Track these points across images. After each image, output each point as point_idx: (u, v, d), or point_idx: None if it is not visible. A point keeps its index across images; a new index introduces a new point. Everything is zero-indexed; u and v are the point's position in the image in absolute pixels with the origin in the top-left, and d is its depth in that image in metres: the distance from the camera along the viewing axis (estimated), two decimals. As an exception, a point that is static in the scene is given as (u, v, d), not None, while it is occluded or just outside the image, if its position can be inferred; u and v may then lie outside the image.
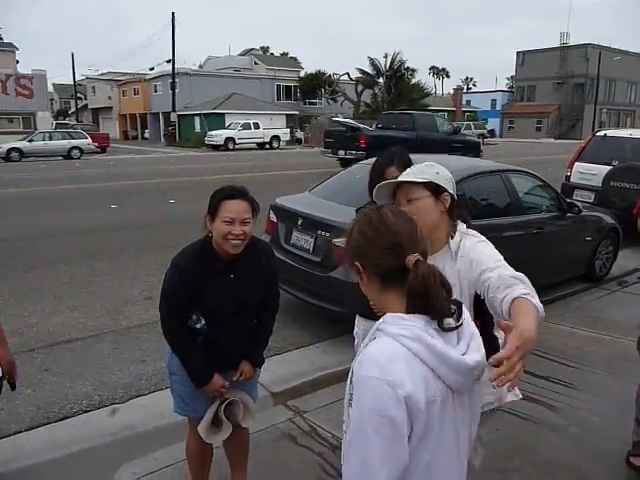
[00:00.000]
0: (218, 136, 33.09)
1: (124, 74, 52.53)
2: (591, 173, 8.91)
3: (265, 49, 76.41)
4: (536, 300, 1.52)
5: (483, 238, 1.96)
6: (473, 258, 1.85)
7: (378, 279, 1.32)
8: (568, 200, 6.10)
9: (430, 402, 1.19)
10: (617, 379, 3.98)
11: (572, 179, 9.29)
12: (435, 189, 1.93)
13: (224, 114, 37.93)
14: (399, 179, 1.99)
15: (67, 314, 5.31)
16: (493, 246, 1.91)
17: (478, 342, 1.33)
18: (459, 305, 1.30)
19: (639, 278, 6.73)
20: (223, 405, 2.39)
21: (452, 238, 1.95)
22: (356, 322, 2.71)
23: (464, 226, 2.00)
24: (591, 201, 8.40)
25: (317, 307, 4.70)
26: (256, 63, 53.16)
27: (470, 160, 6.24)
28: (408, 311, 1.27)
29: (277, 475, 2.93)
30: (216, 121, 36.75)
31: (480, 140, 23.67)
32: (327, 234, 4.45)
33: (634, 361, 3.14)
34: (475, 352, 1.28)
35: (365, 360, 1.22)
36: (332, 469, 2.94)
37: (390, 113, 22.65)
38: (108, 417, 3.55)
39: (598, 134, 9.61)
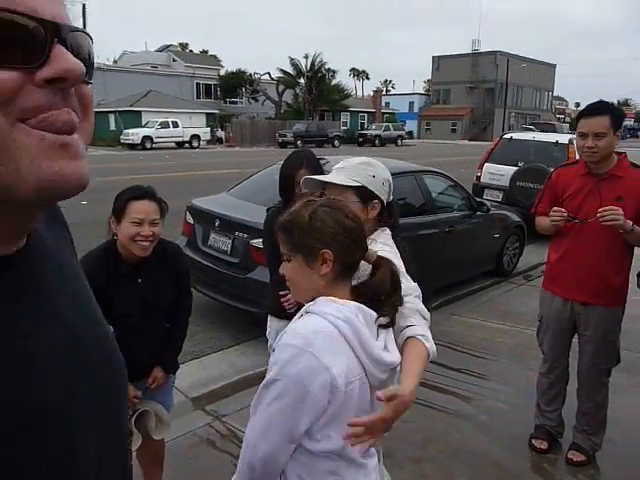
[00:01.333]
0: (135, 135, 31.84)
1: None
2: (499, 173, 9.42)
3: (184, 46, 74.55)
4: (430, 343, 1.54)
5: (391, 249, 1.77)
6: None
7: (337, 269, 1.32)
8: (477, 199, 6.42)
9: (349, 383, 1.21)
10: (521, 367, 4.24)
11: (482, 179, 9.78)
12: (365, 195, 1.79)
13: (141, 112, 36.57)
14: (331, 180, 1.80)
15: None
16: (399, 256, 1.77)
17: (394, 345, 1.38)
18: (394, 305, 1.35)
19: (543, 272, 7.18)
20: (134, 416, 2.30)
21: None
22: (268, 322, 2.72)
23: (382, 232, 1.84)
24: (499, 200, 8.89)
25: (236, 309, 4.66)
26: (174, 60, 51.73)
27: (385, 161, 6.39)
28: (351, 299, 1.32)
29: (195, 482, 2.87)
30: (132, 119, 35.39)
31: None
32: (245, 235, 4.41)
33: (537, 350, 3.36)
34: (393, 352, 1.33)
35: (289, 331, 1.24)
36: (251, 472, 2.92)
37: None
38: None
39: (505, 137, 10.18)
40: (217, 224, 4.71)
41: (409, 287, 1.61)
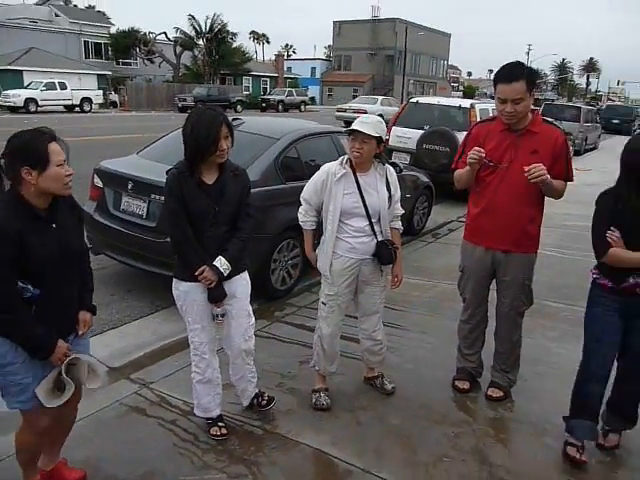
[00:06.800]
0: (16, 96, 28.98)
1: None
2: (406, 137, 9.71)
3: (67, 0, 68.49)
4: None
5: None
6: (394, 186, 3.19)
7: None
8: (390, 160, 6.56)
9: None
10: (438, 317, 4.47)
11: (390, 142, 10.01)
12: (380, 141, 2.93)
13: (22, 71, 33.46)
14: (367, 131, 2.81)
15: None
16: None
17: None
18: None
19: (449, 230, 7.58)
20: (64, 366, 2.16)
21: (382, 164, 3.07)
22: (174, 284, 2.74)
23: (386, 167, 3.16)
24: (407, 162, 9.17)
25: (153, 275, 4.46)
26: (57, 15, 47.38)
27: (301, 122, 6.36)
28: None
29: (129, 449, 2.76)
30: (12, 79, 32.22)
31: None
32: (161, 198, 4.21)
33: (451, 301, 3.55)
34: None
35: None
36: (187, 434, 2.87)
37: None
38: None
39: (411, 100, 10.48)
40: (130, 187, 4.44)
41: (398, 208, 3.33)
